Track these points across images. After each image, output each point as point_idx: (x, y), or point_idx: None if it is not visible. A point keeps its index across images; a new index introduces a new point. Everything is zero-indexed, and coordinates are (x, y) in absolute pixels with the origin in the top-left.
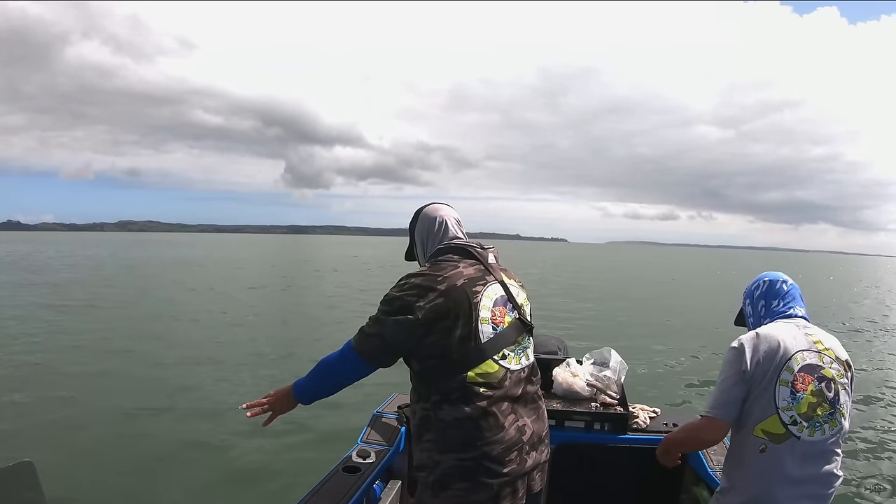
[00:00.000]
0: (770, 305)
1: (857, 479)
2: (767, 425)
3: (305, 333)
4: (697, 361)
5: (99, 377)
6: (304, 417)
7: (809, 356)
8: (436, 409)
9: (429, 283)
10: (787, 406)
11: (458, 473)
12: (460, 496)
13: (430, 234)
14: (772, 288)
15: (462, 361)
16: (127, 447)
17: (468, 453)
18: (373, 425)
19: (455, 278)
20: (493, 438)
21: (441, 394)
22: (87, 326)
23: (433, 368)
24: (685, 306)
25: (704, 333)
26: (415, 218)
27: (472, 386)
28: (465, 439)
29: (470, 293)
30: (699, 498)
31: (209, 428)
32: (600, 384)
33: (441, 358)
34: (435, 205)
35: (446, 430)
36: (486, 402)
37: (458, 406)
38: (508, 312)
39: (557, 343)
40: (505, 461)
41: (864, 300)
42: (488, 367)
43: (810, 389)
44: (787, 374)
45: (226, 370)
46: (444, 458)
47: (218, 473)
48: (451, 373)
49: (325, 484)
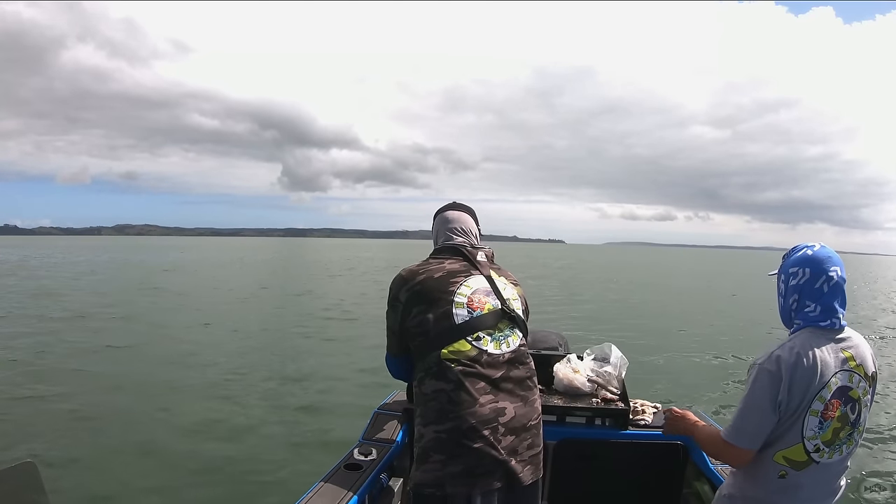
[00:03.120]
0: (804, 307)
1: (858, 479)
2: (790, 453)
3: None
4: (697, 358)
5: (99, 378)
6: (304, 415)
7: (841, 377)
8: (420, 385)
9: (410, 275)
10: (813, 436)
11: (435, 445)
12: (436, 468)
13: (437, 234)
14: (810, 285)
15: (437, 339)
16: (128, 446)
17: (443, 425)
18: (374, 422)
19: (435, 272)
20: (465, 412)
21: (424, 370)
22: (86, 327)
23: (417, 347)
24: (685, 306)
25: (704, 332)
26: (435, 216)
27: (445, 361)
28: (440, 410)
29: (446, 283)
30: (701, 493)
31: (210, 427)
32: (601, 380)
33: (422, 336)
34: (451, 211)
35: (427, 402)
36: (457, 377)
37: (435, 380)
38: (490, 301)
39: (558, 339)
40: (475, 436)
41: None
42: (461, 346)
43: (837, 415)
44: (819, 404)
45: (227, 371)
46: (426, 431)
47: (219, 472)
48: (429, 349)
49: (326, 482)
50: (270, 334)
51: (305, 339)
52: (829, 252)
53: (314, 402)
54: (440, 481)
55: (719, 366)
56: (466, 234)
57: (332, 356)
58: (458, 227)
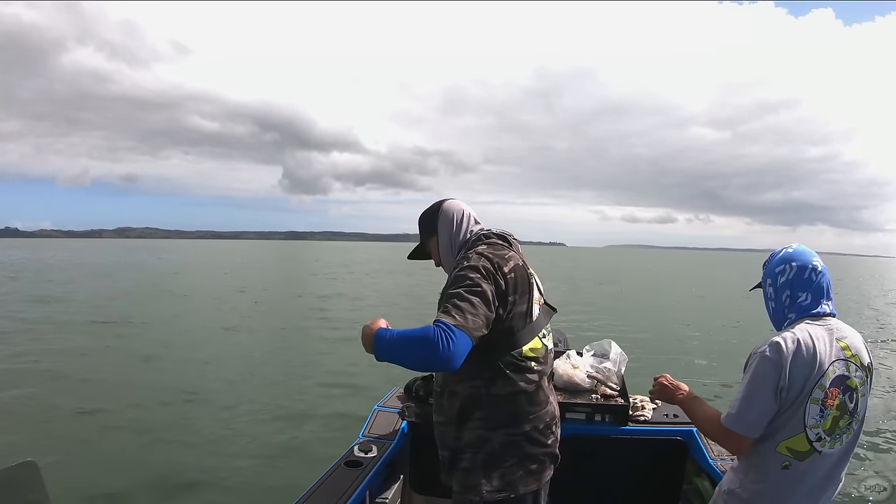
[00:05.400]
0: (796, 299)
1: (858, 479)
2: (793, 443)
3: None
4: (697, 354)
5: (100, 378)
6: (305, 412)
7: (839, 366)
8: (488, 385)
9: (499, 259)
10: (814, 424)
11: (510, 449)
12: (513, 471)
13: (458, 225)
14: (800, 277)
15: (520, 335)
16: (128, 445)
17: (519, 427)
18: (374, 420)
19: (516, 258)
20: (540, 412)
21: (496, 370)
22: (86, 328)
23: (495, 341)
24: (685, 306)
25: (704, 330)
26: (433, 214)
27: (526, 360)
28: (515, 413)
29: (528, 274)
30: (701, 489)
31: (210, 426)
32: (601, 376)
33: (503, 332)
34: (452, 200)
35: (498, 405)
36: (536, 377)
37: (512, 380)
38: (541, 296)
39: (558, 335)
40: (548, 433)
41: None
42: (536, 344)
43: (836, 404)
44: (819, 392)
45: (229, 372)
46: (495, 435)
47: (219, 470)
48: (510, 346)
49: (326, 479)
50: (267, 334)
51: (304, 340)
52: (806, 248)
53: (314, 400)
54: (515, 483)
55: (720, 361)
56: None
57: (329, 354)
58: (473, 214)
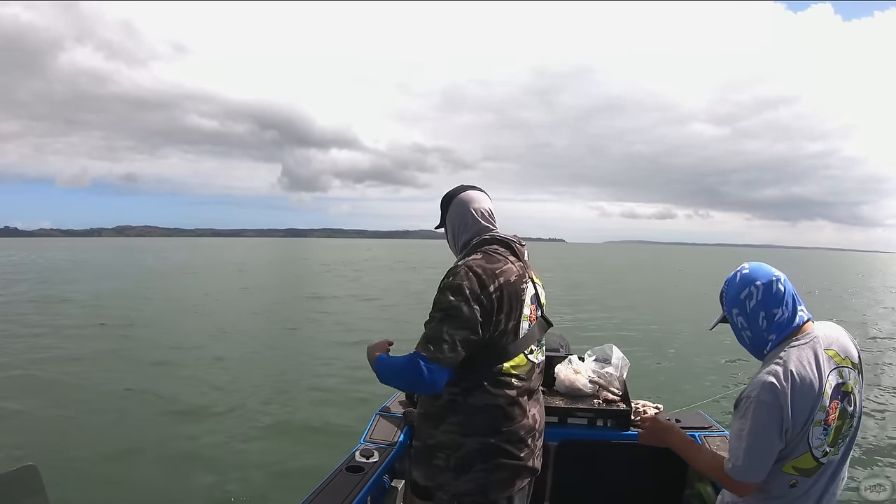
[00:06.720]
0: (773, 317)
1: (858, 478)
2: (799, 462)
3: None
4: (697, 355)
5: (99, 380)
6: (306, 417)
7: (833, 378)
8: (465, 395)
9: (488, 275)
10: (820, 444)
11: (481, 455)
12: (481, 477)
13: (464, 223)
14: (769, 293)
15: (503, 353)
16: (129, 449)
17: (491, 437)
18: (376, 424)
19: (509, 273)
20: (516, 425)
21: (474, 381)
22: (86, 330)
23: (475, 356)
24: (686, 306)
25: (703, 328)
26: (447, 203)
27: (506, 377)
28: (491, 424)
29: (519, 290)
30: (703, 494)
31: (211, 430)
32: (602, 381)
33: (486, 348)
34: (470, 192)
35: (474, 414)
36: (515, 393)
37: (490, 394)
38: (537, 311)
39: (559, 340)
40: (522, 446)
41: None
42: (520, 361)
43: (837, 415)
44: (821, 414)
45: (229, 372)
46: (468, 441)
47: (220, 474)
48: (491, 362)
49: (328, 484)
50: (266, 338)
51: (304, 340)
52: (759, 263)
53: (315, 405)
54: (484, 489)
55: (724, 366)
56: (494, 219)
57: (334, 359)
58: (486, 210)
